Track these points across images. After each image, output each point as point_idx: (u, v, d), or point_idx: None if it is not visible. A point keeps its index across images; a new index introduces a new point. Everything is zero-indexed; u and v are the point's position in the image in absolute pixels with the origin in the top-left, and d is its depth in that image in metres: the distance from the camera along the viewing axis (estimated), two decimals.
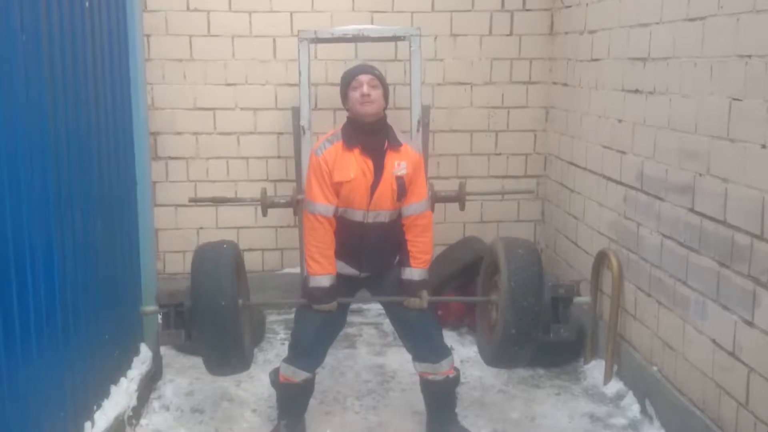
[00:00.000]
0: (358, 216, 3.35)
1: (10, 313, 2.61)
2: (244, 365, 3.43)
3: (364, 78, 3.29)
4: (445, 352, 3.57)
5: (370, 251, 3.44)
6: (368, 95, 3.26)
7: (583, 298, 3.55)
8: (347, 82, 3.34)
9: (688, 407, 3.47)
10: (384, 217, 3.37)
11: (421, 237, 3.42)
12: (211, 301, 3.17)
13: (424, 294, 3.43)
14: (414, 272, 3.42)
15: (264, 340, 4.92)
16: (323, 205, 3.28)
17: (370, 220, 3.36)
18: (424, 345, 3.52)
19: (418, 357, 3.57)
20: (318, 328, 3.45)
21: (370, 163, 3.28)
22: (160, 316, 3.45)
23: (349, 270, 3.48)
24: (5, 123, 2.59)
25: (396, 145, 3.34)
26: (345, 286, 3.47)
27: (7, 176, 2.59)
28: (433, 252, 3.54)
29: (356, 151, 3.28)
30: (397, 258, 3.51)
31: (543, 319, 3.30)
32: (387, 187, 3.30)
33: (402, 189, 3.32)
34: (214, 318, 3.18)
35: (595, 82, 4.62)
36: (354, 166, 3.27)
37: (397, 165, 3.31)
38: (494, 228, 5.65)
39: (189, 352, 4.62)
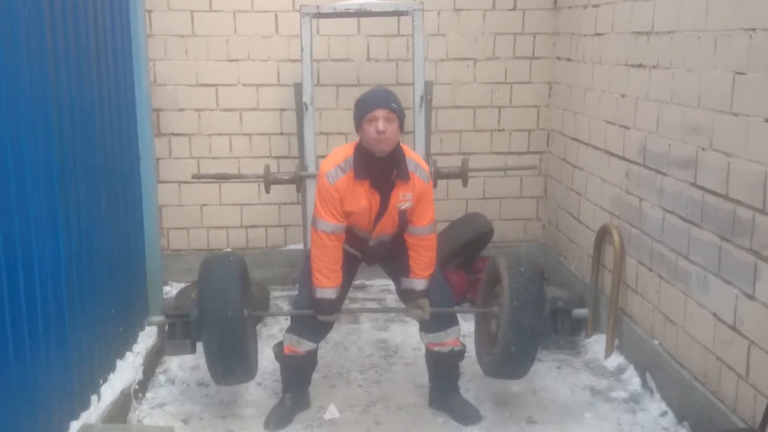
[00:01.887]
0: (362, 234, 3.47)
1: (16, 288, 2.63)
2: (249, 375, 3.55)
3: (380, 113, 3.19)
4: (452, 322, 3.62)
5: (374, 252, 3.59)
6: (383, 132, 3.18)
7: (582, 311, 3.62)
8: (362, 113, 3.24)
9: (688, 380, 3.50)
10: (386, 237, 3.51)
11: (423, 256, 3.49)
12: (218, 312, 3.29)
13: (426, 305, 3.50)
14: (415, 283, 3.51)
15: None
16: (333, 224, 3.33)
17: (372, 243, 3.53)
18: (432, 318, 3.55)
19: (424, 327, 3.61)
20: None
21: (377, 196, 3.32)
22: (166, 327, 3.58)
23: (353, 251, 3.56)
24: (9, 98, 2.59)
25: (404, 177, 3.32)
26: (349, 261, 3.52)
27: (11, 152, 2.60)
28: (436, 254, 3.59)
29: (366, 184, 3.30)
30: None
31: (543, 334, 3.45)
32: (389, 218, 3.39)
33: (403, 220, 3.42)
34: (220, 329, 3.30)
35: (598, 57, 4.60)
36: (363, 198, 3.32)
37: (402, 197, 3.34)
38: (497, 204, 5.66)
39: None
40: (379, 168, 3.28)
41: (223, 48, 5.26)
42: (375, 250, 3.58)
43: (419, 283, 3.50)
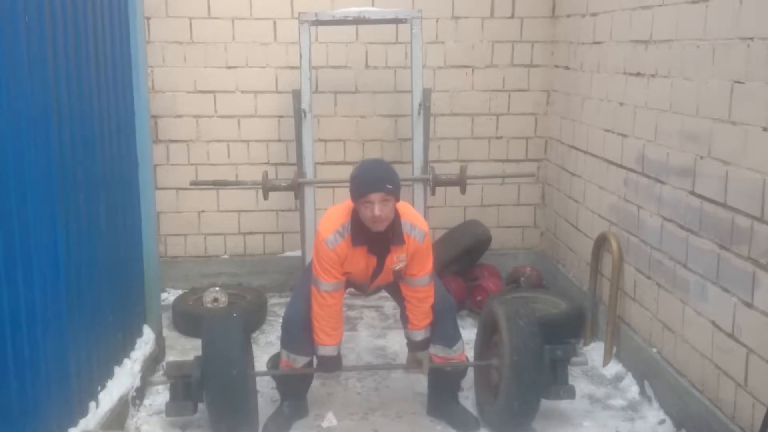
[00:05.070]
0: (360, 284, 3.62)
1: (16, 293, 2.62)
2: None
3: (375, 197, 3.13)
4: (457, 337, 3.62)
5: (373, 292, 3.79)
6: (379, 216, 3.15)
7: (579, 359, 3.65)
8: (357, 195, 3.20)
9: (687, 388, 3.50)
10: (383, 286, 3.68)
11: (420, 307, 3.51)
12: (222, 373, 3.33)
13: (425, 362, 3.54)
14: (414, 334, 3.56)
15: (265, 323, 4.94)
16: (333, 283, 3.38)
17: (370, 292, 3.72)
18: (437, 331, 3.57)
19: (431, 340, 3.61)
20: (308, 319, 3.49)
21: (374, 259, 3.39)
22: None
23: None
24: (10, 105, 2.59)
25: (400, 242, 3.34)
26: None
27: (12, 157, 2.60)
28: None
29: (363, 250, 3.35)
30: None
31: (543, 386, 3.49)
32: (385, 276, 3.49)
33: (399, 277, 3.50)
34: (224, 389, 3.33)
35: (596, 65, 4.62)
36: (361, 261, 3.39)
37: (397, 259, 3.39)
38: (495, 211, 5.67)
39: (191, 334, 4.65)
40: (376, 238, 3.32)
41: (222, 55, 5.27)
42: (373, 292, 3.78)
43: (417, 334, 3.55)
